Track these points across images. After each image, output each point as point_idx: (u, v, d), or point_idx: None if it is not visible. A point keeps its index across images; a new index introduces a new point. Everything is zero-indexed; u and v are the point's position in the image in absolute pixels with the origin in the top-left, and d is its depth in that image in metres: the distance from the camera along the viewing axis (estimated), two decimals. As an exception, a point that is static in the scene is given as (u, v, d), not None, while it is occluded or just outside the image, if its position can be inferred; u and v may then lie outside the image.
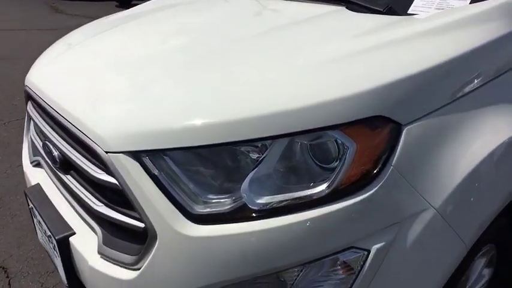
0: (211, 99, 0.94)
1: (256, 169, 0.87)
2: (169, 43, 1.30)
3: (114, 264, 0.98)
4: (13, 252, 1.94)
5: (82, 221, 1.13)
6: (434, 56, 0.95)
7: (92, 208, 1.04)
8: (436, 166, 0.92)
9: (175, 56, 1.17)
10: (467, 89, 0.98)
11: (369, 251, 0.87)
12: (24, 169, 1.47)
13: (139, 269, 0.91)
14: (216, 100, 0.93)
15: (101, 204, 1.03)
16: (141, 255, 0.91)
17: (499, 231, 1.26)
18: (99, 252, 1.01)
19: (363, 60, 0.95)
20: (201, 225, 0.86)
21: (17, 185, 2.44)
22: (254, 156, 0.89)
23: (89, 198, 1.06)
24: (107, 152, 0.93)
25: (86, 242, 1.07)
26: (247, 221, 0.86)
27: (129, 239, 0.98)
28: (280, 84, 0.93)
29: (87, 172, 1.02)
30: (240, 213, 0.86)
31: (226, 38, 1.24)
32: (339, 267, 0.88)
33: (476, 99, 1.00)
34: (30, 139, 1.50)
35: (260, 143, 0.88)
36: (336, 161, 0.87)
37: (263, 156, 0.88)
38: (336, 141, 0.87)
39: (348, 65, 0.94)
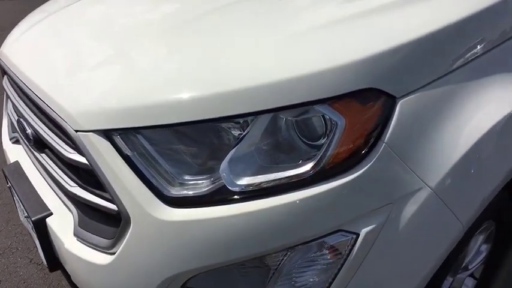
0: (188, 73, 0.86)
1: (236, 148, 0.80)
2: (145, 16, 1.20)
3: (90, 247, 0.93)
4: (1, 228, 1.92)
5: (60, 201, 1.08)
6: (429, 23, 0.85)
7: (66, 189, 0.98)
8: (433, 142, 0.85)
9: (151, 29, 1.07)
10: (466, 58, 0.89)
11: (357, 235, 0.81)
12: (4, 146, 1.41)
13: (114, 253, 0.87)
14: (194, 74, 0.84)
15: (74, 185, 0.97)
16: (116, 239, 0.86)
17: (499, 207, 1.20)
18: (74, 235, 0.96)
19: (352, 29, 0.85)
20: (176, 209, 0.80)
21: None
22: (235, 133, 0.82)
23: (63, 179, 1.00)
24: (76, 131, 0.86)
25: (63, 224, 1.02)
26: (225, 203, 0.79)
27: (105, 222, 0.92)
28: (263, 57, 0.84)
29: (59, 151, 0.96)
30: (218, 196, 0.80)
31: (208, 6, 1.14)
32: (326, 251, 0.82)
33: (477, 69, 0.91)
34: (8, 115, 1.43)
35: (241, 120, 0.80)
36: (323, 138, 0.80)
37: (244, 134, 0.80)
38: (323, 116, 0.79)
39: (335, 34, 0.85)
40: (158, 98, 0.81)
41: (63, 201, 1.06)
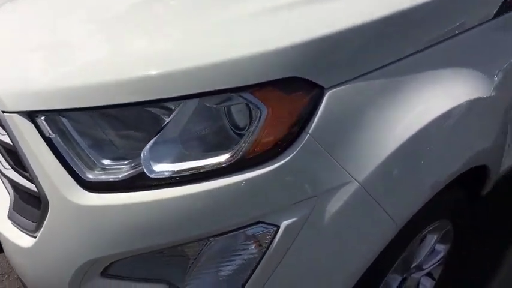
0: (112, 57, 0.84)
1: (159, 134, 0.79)
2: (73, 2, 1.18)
3: (21, 230, 0.93)
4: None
5: (1, 182, 1.08)
6: (360, 15, 0.81)
7: (1, 171, 0.98)
8: (363, 137, 0.82)
9: (80, 13, 1.06)
10: (404, 52, 0.86)
11: (278, 227, 0.79)
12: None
13: (36, 237, 0.86)
14: (118, 58, 0.82)
15: (8, 167, 0.96)
16: (38, 223, 0.85)
17: (452, 207, 1.17)
18: (8, 218, 0.96)
19: (278, 18, 0.82)
20: (93, 194, 0.78)
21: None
22: (159, 119, 0.80)
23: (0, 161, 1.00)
24: (3, 112, 0.86)
25: (2, 207, 1.02)
26: (142, 190, 0.78)
27: (34, 205, 0.92)
28: (189, 43, 0.82)
29: (-7, 133, 0.95)
30: (136, 182, 0.78)
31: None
32: (246, 243, 0.80)
33: (415, 64, 0.88)
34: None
35: (166, 105, 0.79)
36: (245, 128, 0.78)
37: (168, 120, 0.79)
38: (246, 105, 0.77)
39: (261, 22, 0.82)
40: (82, 80, 0.80)
41: (4, 184, 1.06)
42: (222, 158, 0.77)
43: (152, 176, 0.78)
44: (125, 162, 0.81)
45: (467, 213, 1.29)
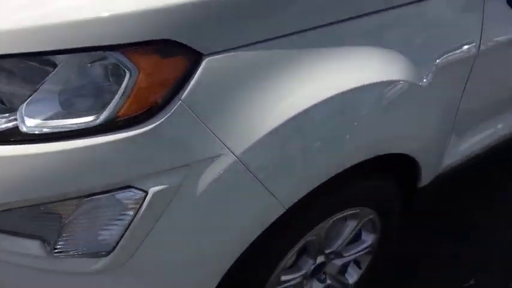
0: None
1: (38, 89, 0.78)
2: None
3: None
4: None
5: None
6: None
7: None
8: (244, 108, 0.79)
9: None
10: (303, 25, 0.82)
11: (147, 193, 0.79)
12: None
13: None
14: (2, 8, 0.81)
15: None
16: None
17: (374, 196, 1.13)
18: None
19: None
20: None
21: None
22: (40, 73, 0.79)
23: None
24: None
25: None
26: (16, 144, 0.78)
27: None
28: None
29: None
30: (10, 135, 0.77)
31: None
32: (117, 206, 0.79)
33: (310, 40, 0.83)
34: None
35: (46, 59, 0.78)
36: (116, 88, 0.76)
37: (48, 77, 0.78)
38: (118, 65, 0.76)
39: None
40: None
41: None
42: (93, 118, 0.75)
43: (24, 130, 0.77)
44: (6, 115, 0.81)
45: (396, 204, 1.25)
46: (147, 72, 0.75)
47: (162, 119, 0.75)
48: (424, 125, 1.11)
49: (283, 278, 1.09)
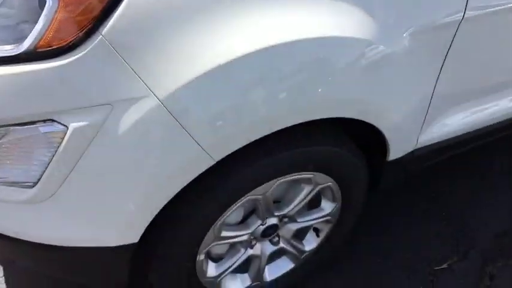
0: None
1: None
2: None
3: None
4: None
5: None
6: None
7: None
8: (172, 51, 0.75)
9: None
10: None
11: (68, 128, 0.78)
12: None
13: None
14: None
15: None
16: None
17: (330, 163, 1.09)
18: None
19: None
20: None
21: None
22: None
23: None
24: None
25: None
26: None
27: None
28: None
29: None
30: None
31: None
32: (39, 138, 0.80)
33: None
34: None
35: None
36: (36, 18, 0.74)
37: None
38: (40, -6, 0.74)
39: None
40: None
41: None
42: (13, 47, 0.74)
43: None
44: None
45: (360, 175, 1.20)
46: (67, 1, 0.72)
47: (81, 54, 0.73)
48: (390, 93, 1.04)
49: (225, 233, 1.08)
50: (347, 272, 1.53)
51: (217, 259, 1.21)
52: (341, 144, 1.07)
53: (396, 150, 1.22)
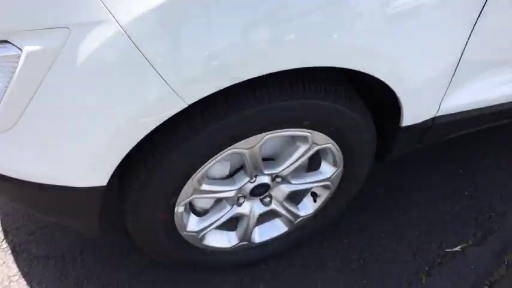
0: None
1: None
2: None
3: None
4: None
5: None
6: None
7: None
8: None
9: None
10: None
11: (22, 51, 0.70)
12: None
13: None
14: None
15: None
16: None
17: (329, 122, 0.96)
18: None
19: None
20: None
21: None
22: None
23: None
24: None
25: None
26: None
27: None
28: None
29: None
30: None
31: None
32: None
33: None
34: None
35: None
36: None
37: None
38: None
39: None
40: None
41: None
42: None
43: None
44: None
45: (365, 139, 1.07)
46: None
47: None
48: (412, 49, 0.88)
49: (206, 187, 1.00)
50: (346, 243, 1.43)
51: (202, 213, 1.15)
52: (344, 101, 0.94)
53: (412, 115, 1.07)
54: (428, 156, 1.80)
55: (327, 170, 1.14)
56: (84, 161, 0.82)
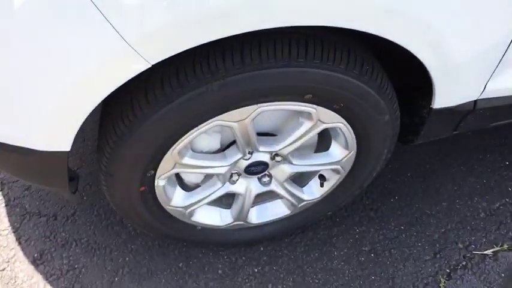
0: None
1: None
2: None
3: None
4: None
5: None
6: None
7: None
8: None
9: None
10: None
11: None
12: None
13: None
14: None
15: None
16: None
17: (339, 97, 0.79)
18: None
19: None
20: None
21: None
22: None
23: None
24: None
25: None
26: None
27: None
28: None
29: None
30: None
31: None
32: None
33: None
34: None
35: None
36: None
37: None
38: None
39: None
40: None
41: None
42: None
43: None
44: None
45: (384, 119, 0.88)
46: None
47: None
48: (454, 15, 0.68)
49: (190, 161, 0.88)
50: (358, 232, 1.28)
51: (193, 187, 1.04)
52: (358, 73, 0.76)
53: (447, 96, 0.88)
54: (471, 139, 1.58)
55: (337, 152, 0.97)
56: (42, 123, 0.71)
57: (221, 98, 0.73)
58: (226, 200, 1.11)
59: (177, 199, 0.98)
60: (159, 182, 0.91)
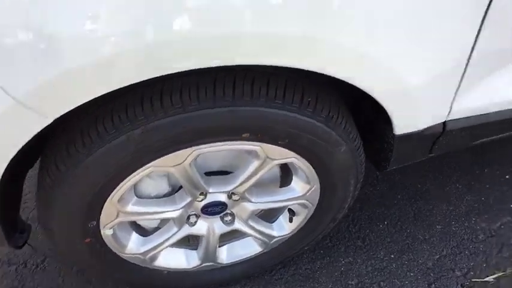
0: None
1: None
2: None
3: None
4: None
5: None
6: None
7: None
8: None
9: None
10: None
11: None
12: None
13: None
14: None
15: None
16: None
17: (282, 132, 0.72)
18: None
19: None
20: None
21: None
22: None
23: None
24: None
25: None
26: None
27: None
28: None
29: None
30: None
31: None
32: None
33: None
34: None
35: None
36: None
37: None
38: None
39: None
40: None
41: None
42: None
43: None
44: None
45: (340, 151, 0.80)
46: None
47: None
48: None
49: (135, 208, 0.81)
50: (342, 264, 1.18)
51: (151, 231, 0.98)
52: (299, 107, 0.69)
53: (409, 122, 0.80)
54: (465, 152, 1.47)
55: (299, 187, 0.90)
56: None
57: (146, 146, 0.68)
58: (192, 241, 1.05)
59: (132, 246, 0.92)
60: (106, 232, 0.85)
